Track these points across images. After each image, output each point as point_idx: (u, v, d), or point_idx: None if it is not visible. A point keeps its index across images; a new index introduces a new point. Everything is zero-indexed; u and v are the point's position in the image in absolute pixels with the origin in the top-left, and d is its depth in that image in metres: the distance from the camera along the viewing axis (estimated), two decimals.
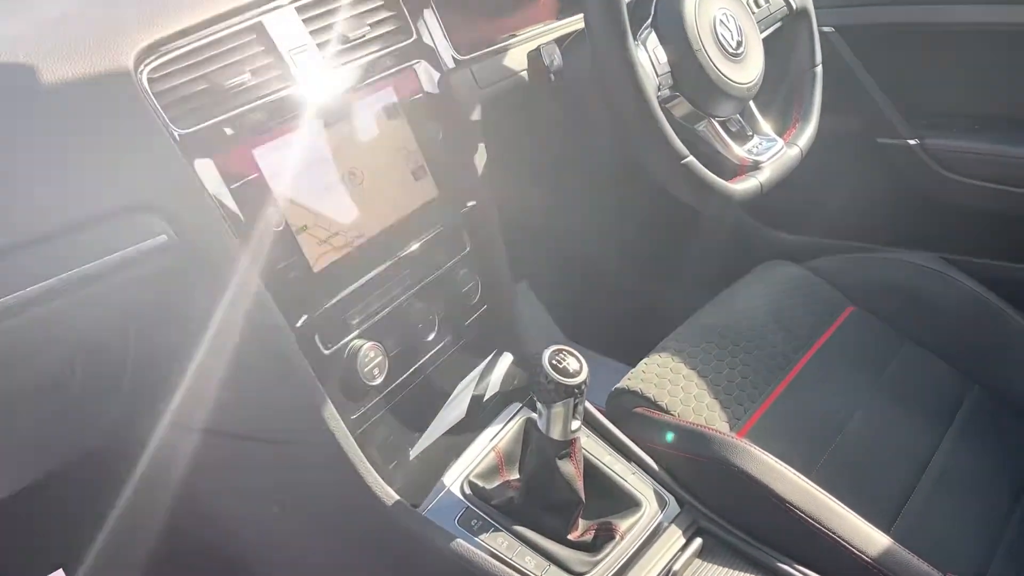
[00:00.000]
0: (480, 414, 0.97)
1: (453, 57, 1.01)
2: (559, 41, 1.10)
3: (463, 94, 0.99)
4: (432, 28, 0.99)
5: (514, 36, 1.12)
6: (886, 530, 0.92)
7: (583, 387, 0.80)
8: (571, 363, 0.81)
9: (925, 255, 1.30)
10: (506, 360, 1.04)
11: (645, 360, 1.12)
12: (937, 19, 1.28)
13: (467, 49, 1.04)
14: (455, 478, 0.90)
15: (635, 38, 0.98)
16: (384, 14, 0.95)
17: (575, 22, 1.17)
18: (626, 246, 1.61)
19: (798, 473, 0.92)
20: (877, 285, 1.29)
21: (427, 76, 0.97)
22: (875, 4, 1.32)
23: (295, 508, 0.92)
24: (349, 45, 0.90)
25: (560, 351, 0.81)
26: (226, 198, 0.75)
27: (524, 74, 1.06)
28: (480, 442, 0.94)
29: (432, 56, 0.98)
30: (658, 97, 0.98)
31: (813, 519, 0.88)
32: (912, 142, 1.35)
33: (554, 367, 0.80)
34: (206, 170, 0.74)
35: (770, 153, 1.07)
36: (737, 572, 0.88)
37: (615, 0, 0.87)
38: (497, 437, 0.95)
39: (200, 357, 0.80)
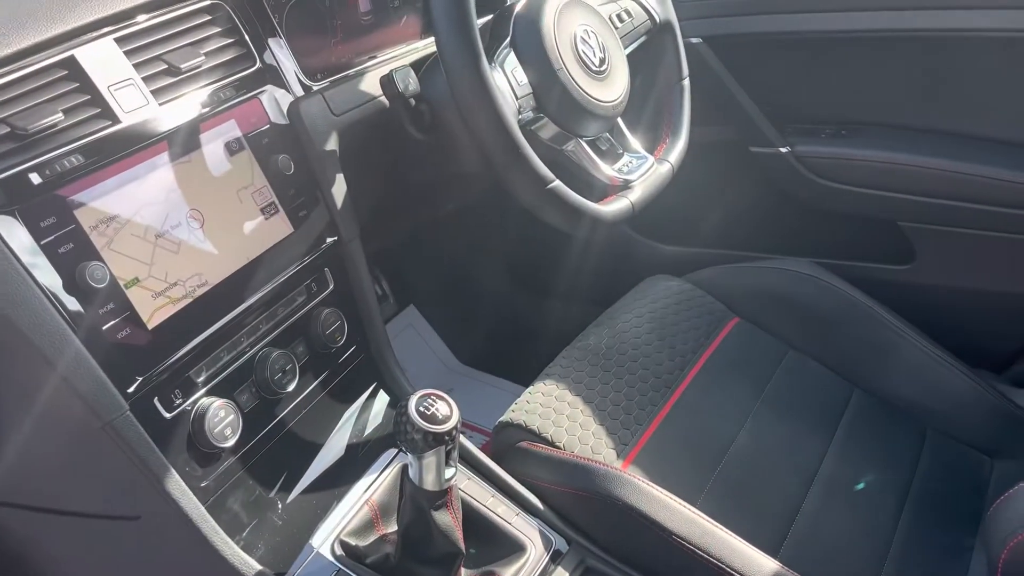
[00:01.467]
0: (352, 465, 0.91)
1: (303, 84, 0.95)
2: (419, 63, 1.05)
3: (316, 123, 0.93)
4: (279, 54, 0.93)
5: (373, 59, 1.06)
6: (775, 552, 0.91)
7: (454, 433, 0.75)
8: (440, 408, 0.76)
9: (802, 261, 1.31)
10: (380, 403, 0.98)
11: (530, 389, 1.08)
12: (802, 28, 1.29)
13: (319, 75, 0.97)
14: (324, 538, 0.83)
15: (492, 60, 0.94)
16: (222, 41, 0.88)
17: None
18: (510, 264, 1.58)
19: (684, 503, 0.89)
20: (757, 294, 1.29)
21: (274, 105, 0.90)
22: (741, 14, 1.32)
23: None
24: (181, 77, 0.82)
25: (429, 395, 0.76)
26: (34, 256, 0.67)
27: (383, 99, 1.01)
28: (352, 496, 0.88)
29: (279, 83, 0.92)
30: (521, 120, 0.94)
31: (700, 550, 0.85)
32: (783, 150, 1.36)
33: (422, 414, 0.75)
34: (8, 226, 0.66)
35: (641, 171, 1.05)
36: None
37: (466, 23, 0.82)
38: (371, 488, 0.89)
39: (24, 433, 0.71)
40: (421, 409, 0.75)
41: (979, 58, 1.22)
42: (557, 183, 0.90)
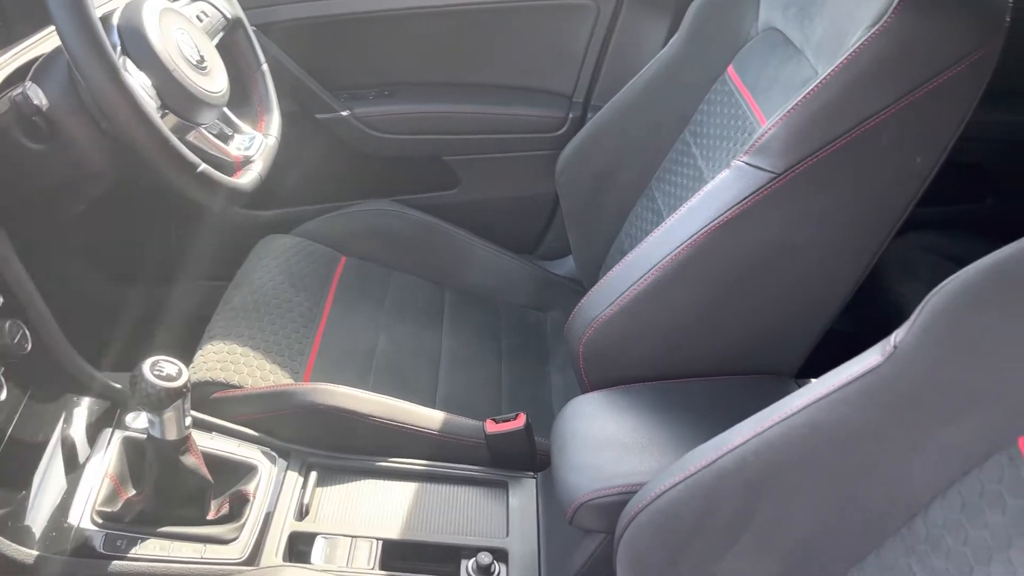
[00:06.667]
0: (79, 449, 0.99)
1: None
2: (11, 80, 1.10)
3: None
4: None
5: None
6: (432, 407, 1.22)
7: (188, 386, 0.91)
8: (170, 368, 0.90)
9: (382, 201, 1.63)
10: (84, 395, 1.06)
11: (199, 353, 1.23)
12: (337, 11, 1.57)
13: None
14: (80, 514, 0.93)
15: None
16: None
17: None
18: (143, 260, 1.63)
19: (364, 391, 1.15)
20: (354, 234, 1.56)
21: None
22: (287, 3, 1.55)
23: None
24: None
25: (157, 361, 0.90)
26: None
27: None
28: (89, 473, 0.97)
29: None
30: None
31: (390, 419, 1.13)
32: (344, 113, 1.64)
33: (157, 376, 0.89)
34: None
35: (255, 147, 1.24)
36: (350, 484, 1.09)
37: (99, 39, 0.93)
38: (103, 464, 0.99)
39: None
40: (156, 372, 0.89)
41: (473, 25, 1.63)
42: (205, 166, 1.06)
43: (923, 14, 0.86)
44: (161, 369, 0.89)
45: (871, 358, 0.67)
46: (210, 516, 0.99)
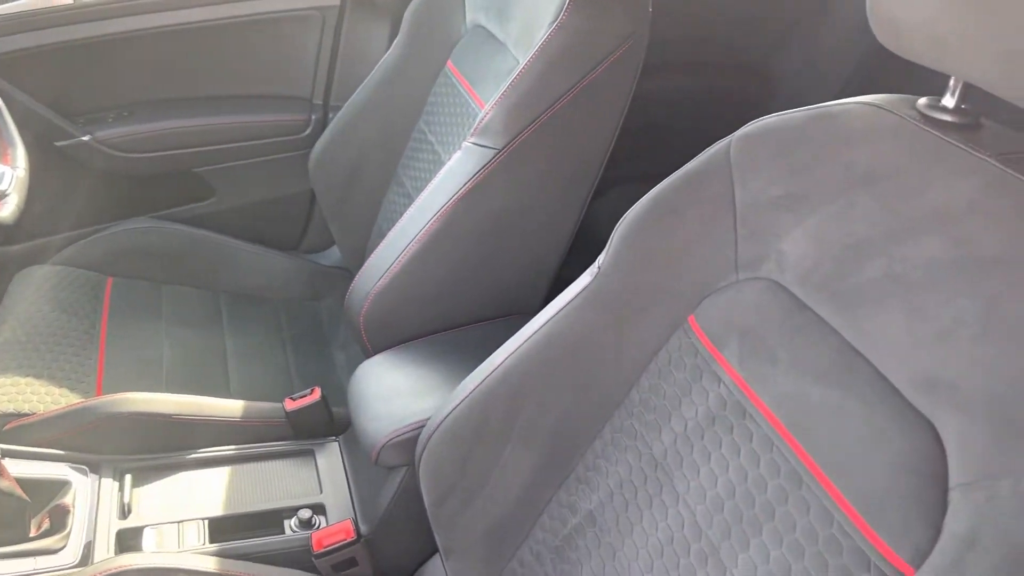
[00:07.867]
0: None
1: None
2: None
3: None
4: None
5: None
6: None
7: None
8: None
9: (139, 219, 1.66)
10: None
11: None
12: (67, 37, 1.57)
13: None
14: None
15: None
16: None
17: None
18: None
19: (167, 394, 1.23)
20: (116, 254, 1.59)
21: None
22: (9, 35, 1.53)
23: None
24: None
25: None
26: None
27: None
28: None
29: None
30: None
31: (191, 415, 1.21)
32: (85, 138, 1.65)
33: None
34: None
35: (7, 180, 1.25)
36: (167, 479, 1.17)
37: None
38: None
39: None
40: None
41: (207, 41, 1.70)
42: None
43: (586, 12, 1.10)
44: None
45: (585, 279, 0.90)
46: (32, 533, 1.04)
